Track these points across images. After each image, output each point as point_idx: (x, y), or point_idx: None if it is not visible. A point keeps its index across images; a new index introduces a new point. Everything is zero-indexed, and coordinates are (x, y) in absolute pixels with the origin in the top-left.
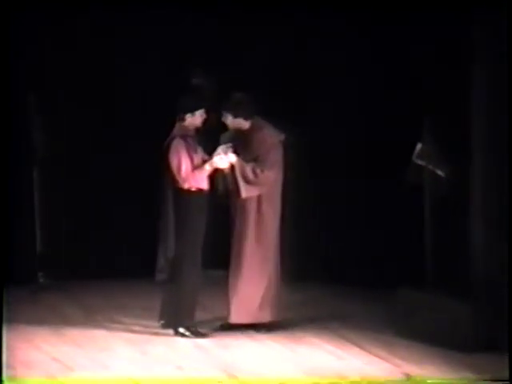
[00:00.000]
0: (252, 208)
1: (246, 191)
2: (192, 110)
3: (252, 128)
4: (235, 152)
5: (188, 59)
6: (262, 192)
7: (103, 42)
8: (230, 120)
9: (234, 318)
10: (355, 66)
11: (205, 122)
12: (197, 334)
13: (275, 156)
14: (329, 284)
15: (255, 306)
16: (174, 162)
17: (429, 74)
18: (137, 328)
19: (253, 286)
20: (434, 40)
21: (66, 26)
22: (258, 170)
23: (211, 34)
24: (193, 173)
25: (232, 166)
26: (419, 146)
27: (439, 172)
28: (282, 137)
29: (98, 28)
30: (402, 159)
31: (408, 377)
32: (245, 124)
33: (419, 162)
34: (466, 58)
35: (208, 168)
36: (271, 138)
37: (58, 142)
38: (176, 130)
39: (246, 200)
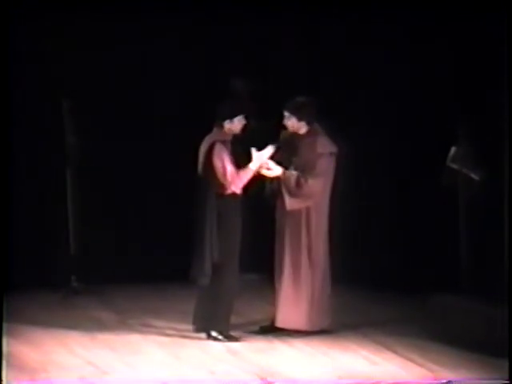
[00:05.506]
0: (302, 216)
1: (290, 204)
2: (231, 117)
3: (308, 134)
4: (280, 160)
5: (227, 64)
6: (308, 204)
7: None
8: (293, 122)
9: (280, 323)
10: (388, 70)
11: (244, 128)
12: (229, 337)
13: (322, 166)
14: (362, 289)
15: (301, 312)
16: (218, 167)
17: (463, 77)
18: (169, 332)
19: (300, 293)
20: (468, 42)
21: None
22: (302, 180)
23: (252, 37)
24: (238, 176)
25: (278, 177)
26: (453, 149)
27: (473, 175)
28: (335, 149)
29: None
30: (436, 163)
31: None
32: (304, 128)
33: (453, 165)
34: (500, 60)
35: (252, 168)
36: (322, 148)
37: (91, 144)
38: (214, 134)
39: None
